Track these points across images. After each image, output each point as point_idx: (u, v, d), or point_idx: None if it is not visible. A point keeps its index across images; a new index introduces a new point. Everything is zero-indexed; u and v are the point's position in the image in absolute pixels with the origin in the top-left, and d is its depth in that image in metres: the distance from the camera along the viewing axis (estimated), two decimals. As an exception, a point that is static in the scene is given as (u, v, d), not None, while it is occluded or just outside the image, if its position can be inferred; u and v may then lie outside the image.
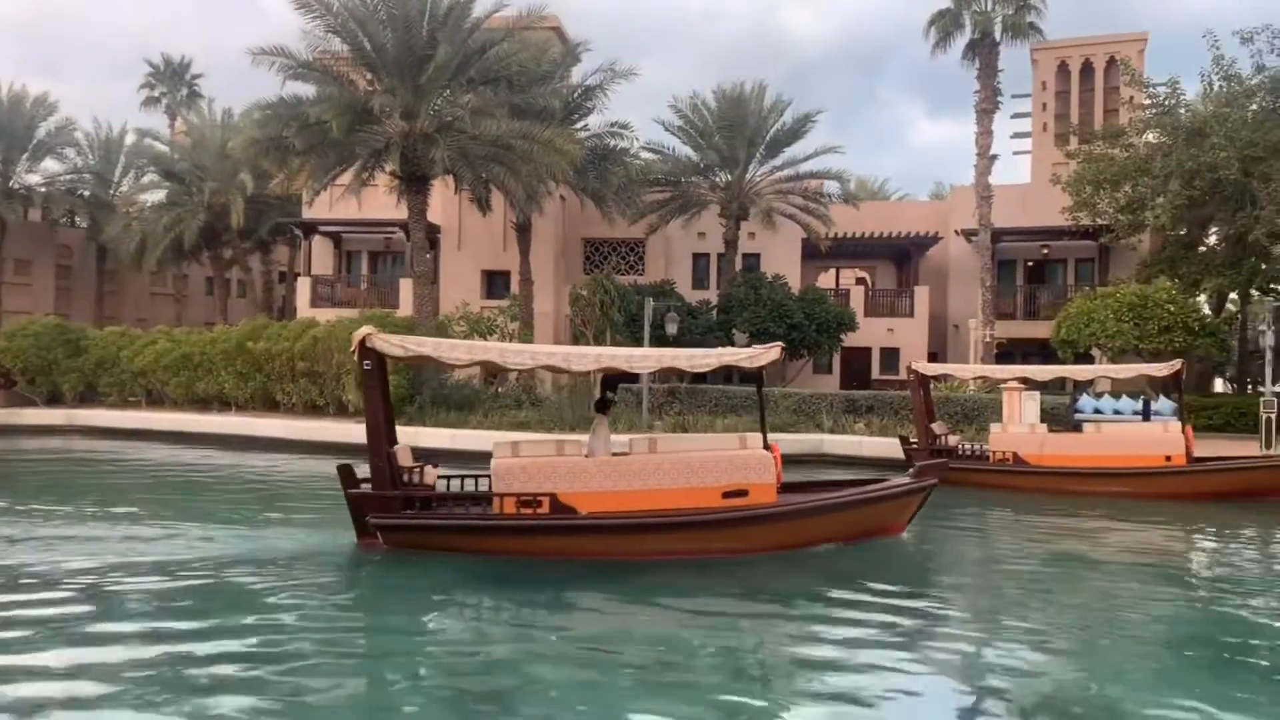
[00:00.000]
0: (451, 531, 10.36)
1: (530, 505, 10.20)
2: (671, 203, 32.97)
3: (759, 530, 10.69)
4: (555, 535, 10.32)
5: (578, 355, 11.40)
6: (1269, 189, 24.48)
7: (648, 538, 10.40)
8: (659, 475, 10.39)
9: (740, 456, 10.70)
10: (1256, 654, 7.76)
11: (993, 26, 29.91)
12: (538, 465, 10.41)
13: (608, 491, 10.30)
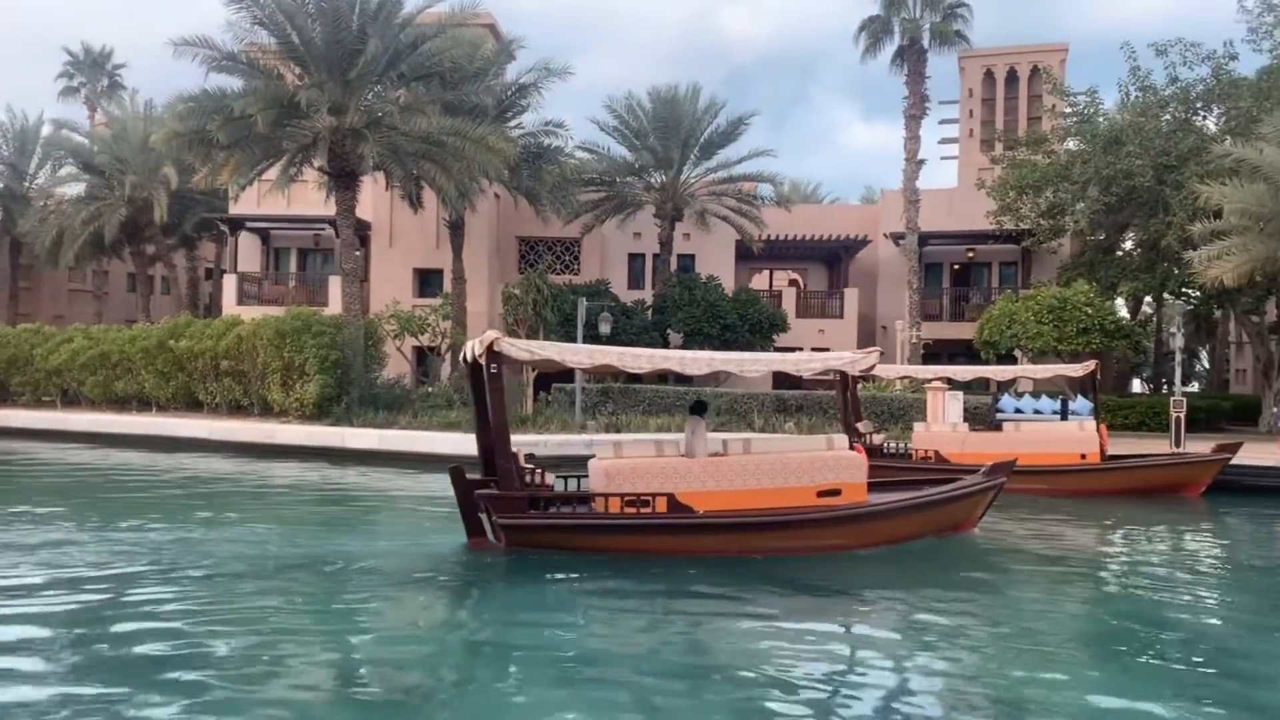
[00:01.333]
0: (583, 531, 10.57)
1: (638, 505, 10.43)
2: (607, 202, 32.99)
3: (863, 527, 11.20)
4: (679, 534, 10.55)
5: (691, 359, 11.68)
6: (1180, 196, 25.42)
7: (762, 535, 10.72)
8: (758, 475, 10.71)
9: (833, 457, 11.11)
10: (1164, 646, 8.05)
11: (921, 34, 30.55)
12: (651, 466, 10.67)
13: (716, 491, 10.58)
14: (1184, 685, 6.88)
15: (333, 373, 23.74)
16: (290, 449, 21.38)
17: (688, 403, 25.83)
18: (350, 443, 21.20)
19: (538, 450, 19.86)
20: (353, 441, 21.22)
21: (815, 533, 10.90)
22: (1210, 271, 23.21)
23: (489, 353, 10.31)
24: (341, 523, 13.53)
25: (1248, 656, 7.71)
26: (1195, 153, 25.93)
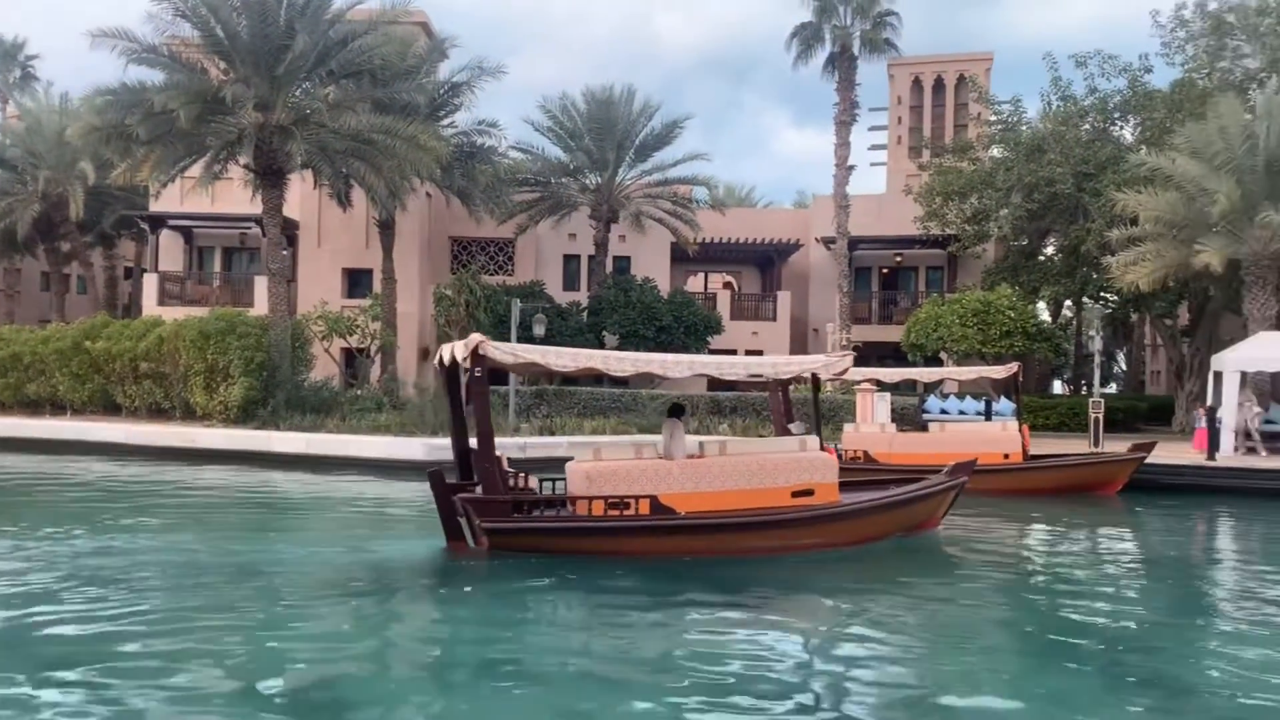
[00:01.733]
0: (568, 534, 10.55)
1: (620, 507, 10.45)
2: (541, 203, 32.83)
3: (838, 527, 11.43)
4: (663, 536, 10.62)
5: (673, 362, 11.79)
6: (1099, 203, 26.25)
7: (743, 536, 10.82)
8: (735, 477, 10.83)
9: (807, 458, 11.27)
10: (1085, 641, 8.26)
11: (851, 41, 31.04)
12: (631, 468, 10.68)
13: (696, 492, 10.67)
14: (1105, 678, 7.09)
15: (258, 375, 23.18)
16: (213, 453, 20.82)
17: (623, 404, 25.92)
18: (276, 446, 20.72)
19: (469, 453, 19.81)
20: (279, 445, 20.74)
21: (793, 533, 11.09)
22: (1127, 276, 24.02)
23: (474, 356, 10.24)
24: (288, 528, 13.22)
25: (1163, 650, 7.97)
26: (1113, 161, 26.81)
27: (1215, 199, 22.02)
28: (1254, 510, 16.75)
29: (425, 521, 14.28)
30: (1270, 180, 22.62)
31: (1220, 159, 22.63)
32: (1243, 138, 22.66)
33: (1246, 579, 11.43)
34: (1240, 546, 14.40)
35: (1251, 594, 10.45)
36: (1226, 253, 22.26)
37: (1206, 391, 22.90)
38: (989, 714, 6.32)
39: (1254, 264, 23.19)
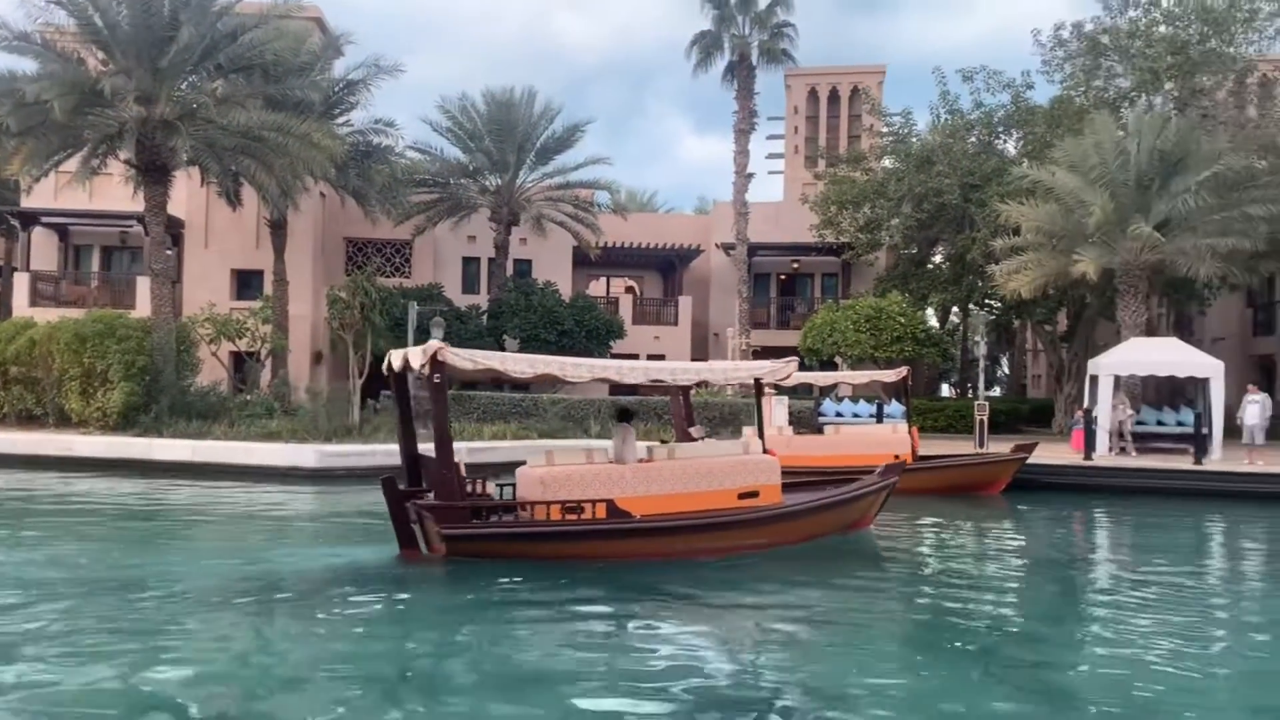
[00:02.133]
0: (529, 539, 10.57)
1: (575, 511, 10.52)
2: (440, 204, 32.34)
3: (784, 527, 11.80)
4: (621, 539, 10.74)
5: (629, 368, 12.21)
6: (984, 214, 27.33)
7: (696, 537, 11.07)
8: (685, 480, 11.12)
9: (752, 461, 11.67)
10: (972, 635, 8.56)
11: (750, 51, 31.56)
12: (586, 473, 10.79)
13: (649, 496, 10.87)
14: (987, 669, 7.36)
15: (140, 380, 22.16)
16: (91, 461, 19.79)
17: (523, 409, 25.70)
18: (159, 454, 19.84)
19: (364, 461, 19.35)
20: (162, 453, 19.87)
21: (743, 533, 11.37)
22: (1009, 284, 25.07)
23: (432, 362, 10.23)
24: (178, 539, 12.62)
25: (1045, 642, 8.33)
26: (997, 173, 27.94)
27: (1091, 211, 23.18)
28: (1126, 506, 17.68)
29: (326, 531, 13.98)
30: (1141, 194, 23.93)
31: (1095, 173, 23.82)
32: (1116, 153, 23.90)
33: (1120, 572, 12.04)
34: (1114, 541, 15.16)
35: (1124, 587, 11.01)
36: (1101, 262, 23.45)
37: (1084, 394, 24.06)
38: (879, 705, 6.48)
39: (1126, 273, 24.48)
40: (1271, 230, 24.50)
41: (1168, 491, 18.71)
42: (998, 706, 6.52)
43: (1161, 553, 13.53)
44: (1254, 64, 28.11)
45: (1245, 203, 23.57)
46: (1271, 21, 27.20)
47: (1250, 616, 9.71)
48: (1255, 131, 27.04)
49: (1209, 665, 7.62)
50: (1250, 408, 20.79)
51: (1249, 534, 15.49)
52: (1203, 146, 23.78)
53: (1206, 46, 26.86)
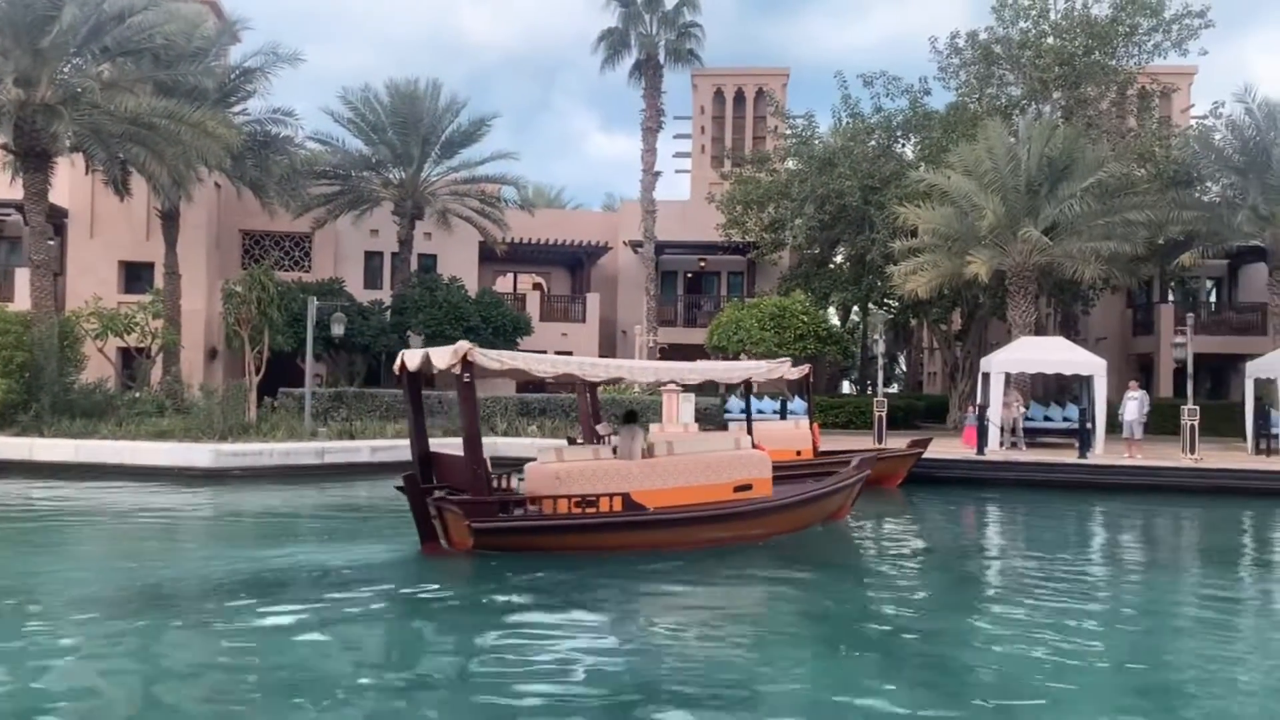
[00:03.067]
0: (554, 532, 11.02)
1: (590, 505, 11.06)
2: (341, 197, 31.59)
3: (779, 518, 12.49)
4: (638, 530, 11.30)
5: (640, 368, 13.49)
6: (883, 216, 28.06)
7: (703, 528, 11.67)
8: (687, 474, 11.67)
9: (746, 455, 12.30)
10: (871, 625, 8.80)
11: (657, 50, 31.71)
12: (599, 468, 11.37)
13: (658, 489, 11.44)
14: (885, 659, 7.58)
15: (19, 376, 21.02)
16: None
17: (428, 407, 25.16)
18: (40, 455, 18.86)
19: (261, 460, 18.79)
20: (42, 453, 18.89)
21: (745, 524, 12.08)
22: (907, 284, 25.84)
23: (463, 362, 10.62)
24: (76, 543, 11.99)
25: (938, 631, 8.61)
26: (896, 177, 28.73)
27: (983, 214, 24.07)
28: (1015, 499, 18.42)
29: (228, 530, 13.52)
30: (1030, 199, 24.95)
31: (988, 178, 24.74)
32: (1007, 159, 24.86)
33: (1011, 562, 12.54)
34: (1003, 533, 15.78)
35: (1015, 576, 11.49)
36: (993, 264, 24.38)
37: (976, 391, 24.95)
38: (779, 696, 6.61)
39: (1016, 275, 25.51)
40: (1150, 235, 25.90)
41: (1054, 484, 19.58)
42: (891, 696, 6.72)
43: (1047, 543, 14.14)
44: (1134, 76, 29.56)
45: (1126, 209, 24.82)
46: (1150, 37, 28.63)
47: (1129, 602, 10.24)
48: (1135, 141, 28.48)
49: (1090, 650, 7.99)
50: (1129, 404, 21.89)
51: (1128, 524, 16.31)
52: (1087, 154, 24.92)
53: (1091, 59, 28.14)
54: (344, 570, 10.32)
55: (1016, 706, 6.59)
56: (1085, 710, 6.52)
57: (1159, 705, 6.71)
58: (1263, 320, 30.02)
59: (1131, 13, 28.10)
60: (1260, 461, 21.04)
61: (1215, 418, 26.04)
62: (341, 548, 11.84)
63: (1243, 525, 16.15)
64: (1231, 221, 25.37)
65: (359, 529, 13.88)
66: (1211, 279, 36.83)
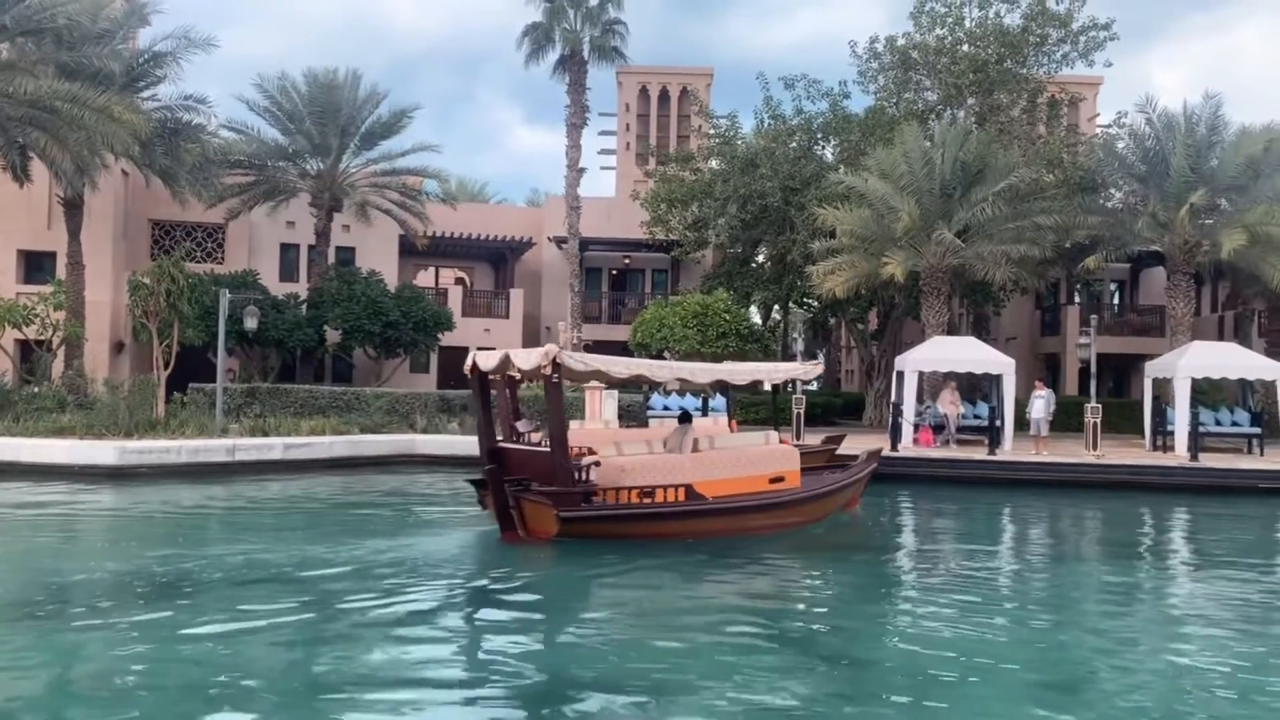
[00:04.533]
0: (632, 520, 12.06)
1: (648, 495, 12.08)
2: (256, 187, 30.75)
3: (813, 507, 13.82)
4: (701, 518, 12.40)
5: (702, 370, 15.35)
6: (803, 216, 28.49)
7: (753, 517, 12.85)
8: (731, 467, 12.81)
9: (778, 450, 13.72)
10: (779, 621, 8.93)
11: (581, 46, 31.61)
12: (659, 461, 12.51)
13: (712, 480, 12.54)
14: (796, 654, 7.72)
15: (-95, 370, 20.01)
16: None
17: (344, 403, 24.69)
18: (-73, 453, 17.99)
19: (169, 458, 18.22)
20: (-69, 451, 18.02)
21: (787, 512, 13.34)
22: (825, 284, 26.29)
23: (553, 364, 11.61)
24: None
25: (850, 629, 8.80)
26: (816, 178, 29.19)
27: (899, 217, 24.63)
28: (927, 494, 18.90)
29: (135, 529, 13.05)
30: (944, 202, 25.61)
31: (904, 181, 25.32)
32: (923, 163, 25.47)
33: (917, 555, 12.87)
34: (914, 526, 16.17)
35: (925, 570, 11.80)
36: (908, 265, 24.96)
37: (891, 389, 25.53)
38: (688, 690, 6.68)
39: (930, 276, 26.17)
40: (1057, 239, 26.81)
41: (965, 480, 20.14)
42: (801, 692, 6.84)
43: (957, 538, 14.57)
44: (1044, 85, 30.56)
45: (1035, 213, 25.65)
46: (1059, 47, 29.63)
47: (1036, 594, 10.61)
48: (1044, 148, 29.44)
49: (998, 642, 8.26)
50: (1036, 402, 22.64)
51: (1034, 518, 16.87)
52: (999, 160, 25.69)
53: (1003, 67, 28.99)
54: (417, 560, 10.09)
55: (928, 698, 6.77)
56: (993, 702, 6.73)
57: (1064, 694, 6.96)
58: (1161, 322, 31.36)
59: (1042, 23, 29.03)
60: (1157, 457, 22.00)
61: (1117, 415, 27.16)
62: (414, 538, 12.65)
63: (1141, 519, 16.86)
64: (1133, 227, 26.42)
65: (426, 520, 14.37)
66: (1115, 282, 38.34)
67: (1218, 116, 26.52)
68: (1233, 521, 16.50)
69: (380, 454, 21.25)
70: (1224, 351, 24.46)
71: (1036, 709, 6.59)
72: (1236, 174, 25.29)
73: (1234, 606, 10.02)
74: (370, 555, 11.10)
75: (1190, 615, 9.59)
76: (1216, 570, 12.33)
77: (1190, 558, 13.55)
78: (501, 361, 12.19)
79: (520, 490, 12.03)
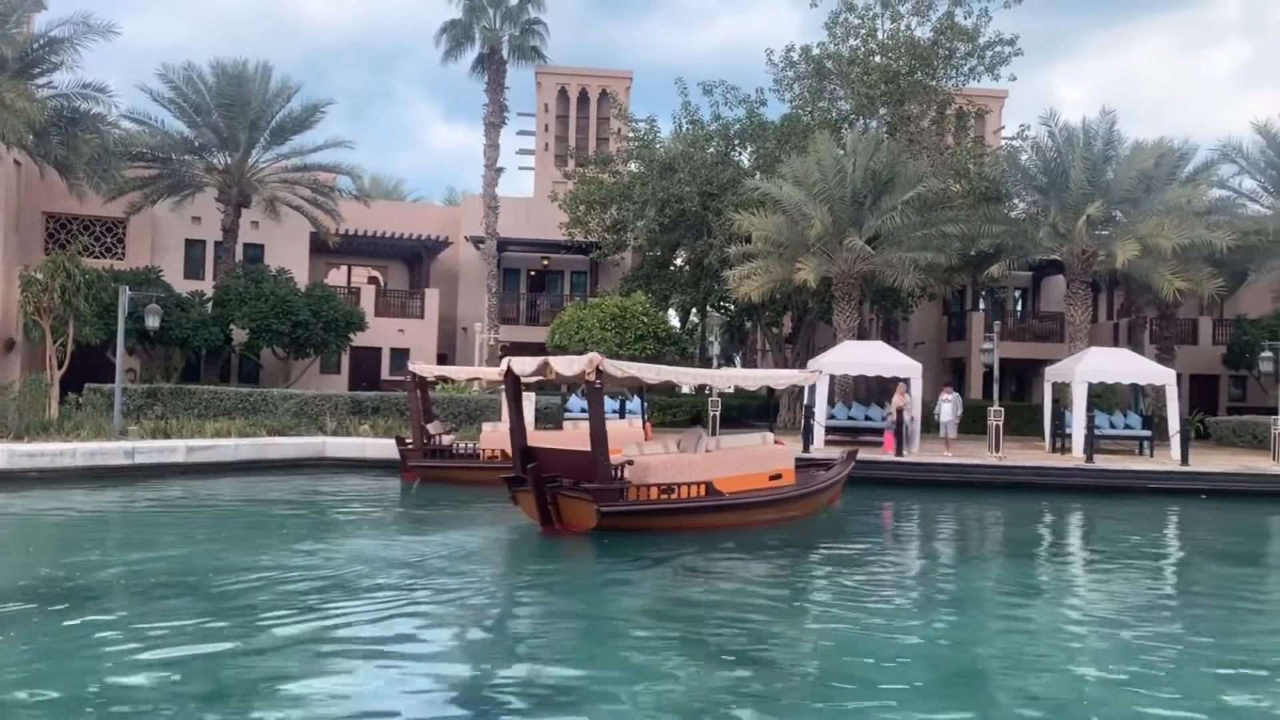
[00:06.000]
0: (667, 514, 13.22)
1: (668, 491, 13.17)
2: (160, 181, 29.67)
3: (809, 501, 15.16)
4: (720, 512, 13.60)
5: (721, 375, 17.51)
6: (720, 222, 28.80)
7: (763, 511, 14.16)
8: (737, 465, 13.99)
9: (775, 450, 15.02)
10: (690, 622, 9.00)
11: (500, 45, 31.37)
12: (677, 460, 13.64)
13: (726, 478, 13.68)
14: (705, 653, 7.79)
15: None
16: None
17: (251, 404, 24.00)
18: None
19: (63, 461, 17.48)
20: None
21: (791, 506, 14.70)
22: (741, 288, 26.63)
23: (596, 371, 12.58)
24: None
25: (757, 630, 8.90)
26: (732, 184, 29.54)
27: (812, 224, 25.09)
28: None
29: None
30: (855, 210, 26.19)
31: (817, 188, 25.81)
32: (835, 171, 26.01)
33: (828, 554, 13.09)
34: (822, 527, 16.45)
35: (830, 567, 12.03)
36: (820, 271, 25.46)
37: (804, 393, 25.92)
38: (595, 688, 6.69)
39: (841, 282, 26.73)
40: (963, 247, 27.67)
41: (874, 480, 20.55)
42: (714, 690, 6.91)
43: (863, 536, 14.90)
44: (952, 97, 31.50)
45: (942, 222, 26.44)
46: (967, 61, 30.58)
47: (941, 590, 10.91)
48: (951, 158, 30.37)
49: (905, 642, 8.47)
50: (945, 405, 23.29)
51: (940, 517, 17.35)
52: (908, 169, 26.39)
53: (914, 78, 29.79)
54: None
55: (838, 695, 6.90)
56: (902, 697, 6.89)
57: (964, 689, 7.18)
58: (1061, 328, 32.60)
59: (950, 37, 29.92)
60: (1056, 459, 22.84)
61: (1019, 418, 28.14)
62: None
63: (1041, 518, 17.49)
64: (1034, 236, 27.42)
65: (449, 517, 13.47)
66: (1018, 289, 39.73)
67: (1113, 132, 27.72)
68: (1123, 521, 17.25)
69: (289, 457, 20.73)
70: (1118, 357, 25.55)
71: (939, 703, 6.78)
72: (1130, 187, 26.47)
73: (1123, 601, 10.48)
74: (318, 560, 10.82)
75: (1083, 610, 9.98)
76: (1108, 567, 12.88)
77: (1085, 556, 14.11)
78: (540, 367, 13.10)
79: (558, 487, 12.95)
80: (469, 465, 18.72)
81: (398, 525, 14.53)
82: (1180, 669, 7.78)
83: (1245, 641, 8.86)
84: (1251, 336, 29.57)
